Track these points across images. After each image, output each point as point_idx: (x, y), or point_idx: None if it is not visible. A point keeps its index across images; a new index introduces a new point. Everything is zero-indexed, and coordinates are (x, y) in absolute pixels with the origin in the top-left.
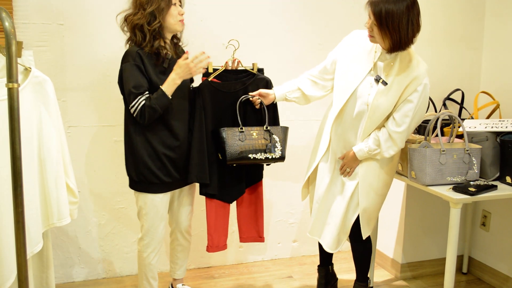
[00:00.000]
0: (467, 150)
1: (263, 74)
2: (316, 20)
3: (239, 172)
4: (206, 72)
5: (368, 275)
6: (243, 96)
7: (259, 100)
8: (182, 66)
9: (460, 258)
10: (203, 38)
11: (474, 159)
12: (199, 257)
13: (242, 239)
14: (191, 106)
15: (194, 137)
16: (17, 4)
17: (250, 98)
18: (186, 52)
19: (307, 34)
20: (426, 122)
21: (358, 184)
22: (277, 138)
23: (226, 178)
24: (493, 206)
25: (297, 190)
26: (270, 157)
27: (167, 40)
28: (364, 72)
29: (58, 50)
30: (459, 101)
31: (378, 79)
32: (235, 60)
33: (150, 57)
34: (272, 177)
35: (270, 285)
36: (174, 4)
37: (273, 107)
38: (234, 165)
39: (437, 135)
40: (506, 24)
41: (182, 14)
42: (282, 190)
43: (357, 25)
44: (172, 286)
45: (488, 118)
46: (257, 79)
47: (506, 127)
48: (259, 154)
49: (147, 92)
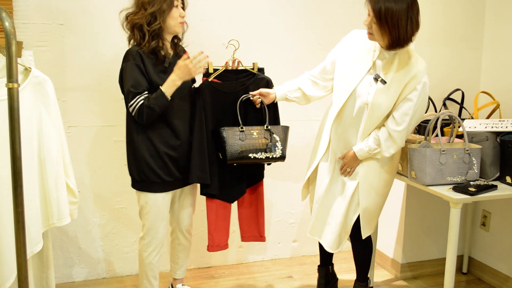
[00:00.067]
0: (467, 150)
1: (264, 73)
2: (316, 20)
3: (240, 172)
4: (207, 72)
5: (368, 275)
6: (244, 95)
7: (260, 99)
8: (182, 67)
9: (460, 258)
10: (203, 38)
11: (474, 159)
12: (199, 257)
13: (244, 239)
14: (192, 105)
15: (194, 138)
16: (17, 4)
17: (251, 98)
18: (186, 53)
19: (307, 34)
20: (426, 122)
21: (359, 184)
22: (277, 138)
23: (227, 178)
24: (493, 206)
25: (297, 190)
26: (270, 156)
27: (167, 41)
28: (363, 71)
29: (58, 50)
30: (459, 101)
31: (377, 78)
32: (235, 60)
33: (150, 56)
34: (272, 177)
35: (270, 285)
36: (176, 6)
37: (273, 107)
38: (235, 164)
39: (437, 135)
40: (506, 24)
41: (183, 17)
42: (282, 190)
43: (357, 24)
44: (172, 286)
45: (488, 118)
46: (257, 79)
47: (506, 127)
48: (260, 154)
49: (146, 92)
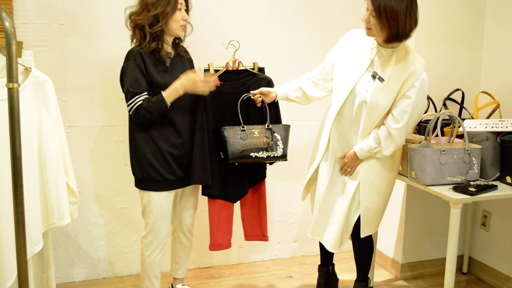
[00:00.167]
0: (467, 150)
1: (264, 73)
2: (316, 20)
3: (242, 172)
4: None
5: (368, 275)
6: (245, 94)
7: (261, 98)
8: (190, 79)
9: (460, 258)
10: (203, 39)
11: (474, 159)
12: (200, 257)
13: (247, 238)
14: (194, 104)
15: (195, 139)
16: (17, 4)
17: (252, 97)
18: (199, 67)
19: (307, 34)
20: (426, 122)
21: (360, 183)
22: (278, 136)
23: (229, 178)
24: (493, 206)
25: (297, 190)
26: (272, 155)
27: (167, 42)
28: (361, 69)
29: (58, 50)
30: (459, 101)
31: (374, 75)
32: (236, 60)
33: (151, 56)
34: (272, 177)
35: (271, 285)
36: (179, 9)
37: (274, 106)
38: (236, 164)
39: (437, 135)
40: (506, 24)
41: (186, 20)
42: (283, 190)
43: (356, 24)
44: (172, 286)
45: (488, 118)
46: (258, 79)
47: (506, 127)
48: (261, 153)
49: (146, 93)
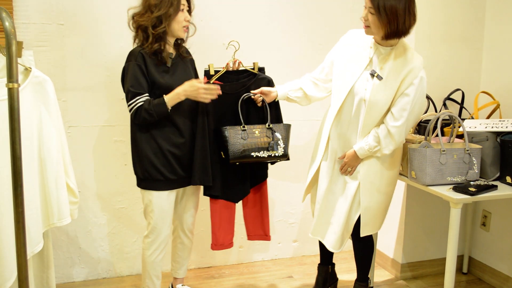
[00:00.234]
0: (467, 150)
1: (264, 73)
2: (316, 20)
3: (243, 172)
4: (208, 74)
5: (368, 275)
6: (245, 94)
7: (261, 98)
8: (193, 86)
9: (460, 258)
10: (204, 39)
11: (474, 159)
12: (200, 257)
13: (250, 237)
14: (196, 104)
15: (196, 141)
16: (17, 4)
17: (252, 96)
18: (205, 78)
19: (307, 34)
20: (426, 122)
21: (360, 183)
22: (279, 136)
23: (230, 178)
24: (493, 206)
25: (297, 190)
26: (273, 155)
27: (169, 43)
28: (360, 69)
29: (58, 50)
30: (459, 101)
31: (373, 74)
32: (236, 61)
33: (152, 57)
34: (272, 177)
35: (271, 285)
36: (182, 10)
37: (275, 105)
38: (237, 163)
39: (437, 135)
40: (506, 24)
41: (188, 21)
42: (283, 190)
43: (357, 24)
44: (172, 286)
45: (488, 118)
46: (258, 79)
47: (506, 127)
48: (262, 152)
49: (147, 94)
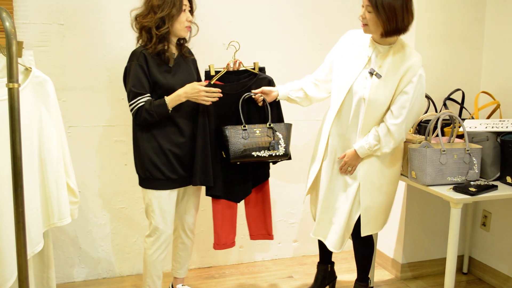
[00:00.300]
0: (468, 150)
1: (265, 73)
2: (316, 20)
3: (245, 172)
4: (208, 74)
5: (368, 275)
6: (246, 93)
7: (262, 97)
8: (195, 88)
9: (460, 258)
10: (204, 39)
11: (474, 159)
12: (200, 257)
13: (252, 237)
14: (197, 104)
15: (197, 142)
16: (17, 4)
17: (253, 96)
18: (206, 81)
19: (308, 34)
20: (427, 122)
21: (360, 183)
22: (280, 135)
23: (232, 178)
24: (493, 206)
25: (298, 190)
26: (273, 154)
27: (172, 43)
28: (359, 68)
29: (58, 50)
30: (460, 101)
31: (372, 72)
32: (236, 61)
33: (155, 57)
34: (272, 177)
35: (271, 285)
36: (184, 10)
37: (276, 105)
38: (238, 163)
39: (437, 135)
40: (506, 24)
41: (190, 21)
42: (283, 190)
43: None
44: (172, 286)
45: (488, 118)
46: (259, 79)
47: (507, 127)
48: (263, 152)
49: (149, 95)
